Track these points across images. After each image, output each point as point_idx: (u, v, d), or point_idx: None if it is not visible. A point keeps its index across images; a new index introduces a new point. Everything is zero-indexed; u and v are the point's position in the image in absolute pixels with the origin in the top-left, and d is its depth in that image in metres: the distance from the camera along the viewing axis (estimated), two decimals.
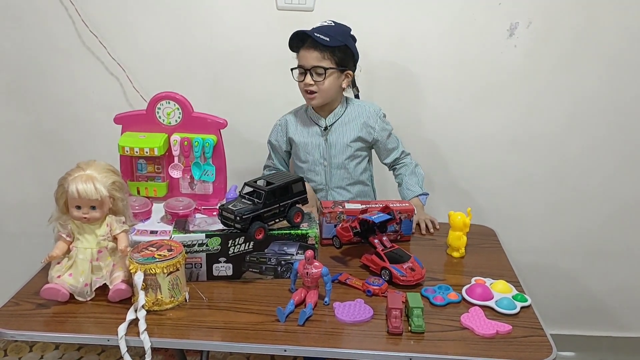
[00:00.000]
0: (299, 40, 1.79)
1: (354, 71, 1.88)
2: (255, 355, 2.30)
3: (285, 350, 1.24)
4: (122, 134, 1.75)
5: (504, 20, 2.05)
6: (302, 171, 1.95)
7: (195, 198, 1.73)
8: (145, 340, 1.23)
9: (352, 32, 1.84)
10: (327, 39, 1.75)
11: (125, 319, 1.27)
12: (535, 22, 2.04)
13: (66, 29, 2.09)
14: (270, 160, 2.04)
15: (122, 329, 1.24)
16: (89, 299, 1.37)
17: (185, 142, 1.72)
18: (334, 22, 1.82)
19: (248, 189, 1.48)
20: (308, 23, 2.01)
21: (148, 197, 1.74)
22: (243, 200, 1.46)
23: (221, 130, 1.75)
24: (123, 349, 1.23)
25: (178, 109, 1.73)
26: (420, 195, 1.92)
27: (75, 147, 2.24)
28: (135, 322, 1.27)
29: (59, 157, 2.21)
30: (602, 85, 2.11)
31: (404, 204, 1.75)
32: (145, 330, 1.24)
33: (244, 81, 2.16)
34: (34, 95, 2.20)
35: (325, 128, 1.89)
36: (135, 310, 1.29)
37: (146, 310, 1.29)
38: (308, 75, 1.79)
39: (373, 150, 2.01)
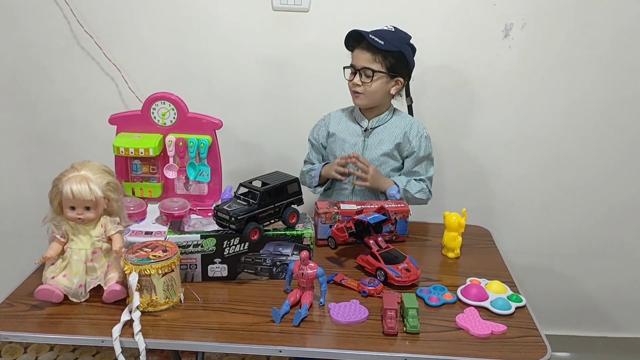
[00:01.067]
0: (355, 40, 1.79)
1: (407, 79, 1.86)
2: (251, 356, 2.30)
3: (280, 351, 1.24)
4: (117, 134, 1.75)
5: (499, 21, 2.05)
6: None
7: (190, 199, 1.73)
8: (140, 342, 1.23)
9: (411, 41, 1.82)
10: (382, 43, 1.74)
11: (119, 320, 1.27)
12: (529, 23, 2.05)
13: (61, 30, 2.09)
14: (308, 155, 2.01)
15: (116, 330, 1.24)
16: (83, 300, 1.36)
17: (180, 143, 1.72)
18: (394, 27, 1.81)
19: (243, 190, 1.48)
20: (304, 24, 2.02)
21: (143, 198, 1.73)
22: (238, 201, 1.46)
23: (216, 130, 1.74)
24: (118, 350, 1.23)
25: (173, 110, 1.72)
26: (395, 185, 1.83)
27: (70, 147, 2.24)
28: (129, 323, 1.27)
29: (54, 158, 2.21)
30: (596, 86, 2.12)
31: (399, 205, 1.75)
32: (139, 331, 1.24)
33: (240, 82, 2.16)
34: (29, 96, 2.19)
35: (366, 129, 1.89)
36: (130, 312, 1.28)
37: (141, 311, 1.29)
38: (357, 76, 1.79)
39: None
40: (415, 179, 1.89)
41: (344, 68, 1.84)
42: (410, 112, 1.97)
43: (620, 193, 2.27)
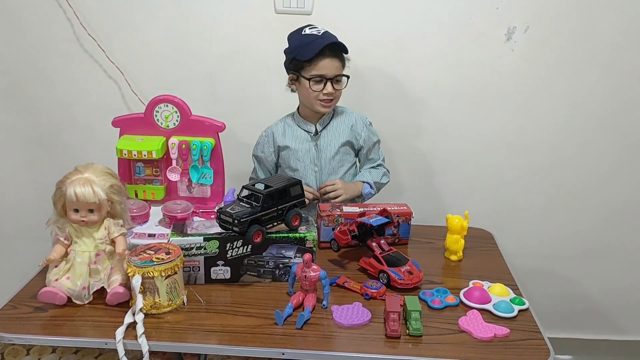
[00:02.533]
0: (322, 50, 1.74)
1: None
2: (253, 358, 2.29)
3: (283, 354, 1.24)
4: (120, 137, 1.75)
5: (502, 25, 2.05)
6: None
7: (193, 201, 1.73)
8: (143, 344, 1.23)
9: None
10: (346, 48, 1.78)
11: (123, 322, 1.27)
12: (532, 27, 2.05)
13: (65, 32, 2.09)
14: (255, 173, 2.00)
15: (119, 332, 1.24)
16: (86, 302, 1.37)
17: (184, 145, 1.72)
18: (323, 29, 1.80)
19: (246, 192, 1.49)
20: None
21: (146, 200, 1.73)
22: (241, 203, 1.46)
23: (219, 133, 1.75)
24: (121, 352, 1.23)
25: (176, 112, 1.73)
26: (366, 183, 1.91)
27: (74, 150, 2.24)
28: (133, 325, 1.27)
29: (57, 160, 2.21)
30: (598, 89, 2.12)
31: (402, 207, 1.75)
32: (142, 333, 1.24)
33: (242, 84, 2.16)
34: (33, 98, 2.20)
35: (316, 133, 1.89)
36: (133, 314, 1.29)
37: (144, 314, 1.29)
38: (329, 85, 1.78)
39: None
40: (373, 167, 1.96)
41: (309, 80, 1.77)
42: None
43: (622, 195, 2.26)
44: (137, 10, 2.07)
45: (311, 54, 1.74)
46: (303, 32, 1.78)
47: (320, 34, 1.77)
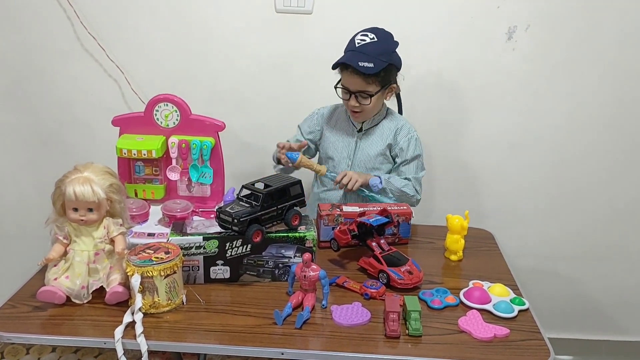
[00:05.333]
0: (343, 64, 1.73)
1: (396, 81, 1.84)
2: (253, 358, 2.28)
3: (282, 354, 1.24)
4: (120, 136, 1.75)
5: (503, 24, 2.05)
6: (327, 168, 1.89)
7: (192, 200, 1.73)
8: (142, 343, 1.23)
9: (394, 38, 1.78)
10: (372, 65, 1.68)
11: (122, 321, 1.27)
12: (533, 26, 2.04)
13: (65, 31, 2.09)
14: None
15: (118, 331, 1.24)
16: (85, 301, 1.37)
17: (183, 145, 1.72)
18: (375, 35, 1.73)
19: (246, 192, 1.48)
20: (306, 26, 2.02)
21: (145, 200, 1.73)
22: (241, 202, 1.46)
23: (219, 132, 1.75)
24: (120, 352, 1.23)
25: (176, 112, 1.72)
26: (376, 176, 1.82)
27: (73, 149, 2.24)
28: (132, 324, 1.27)
29: (57, 159, 2.21)
30: (600, 88, 2.12)
31: (402, 207, 1.74)
32: (142, 333, 1.24)
33: (242, 83, 2.16)
34: (32, 97, 2.20)
35: (360, 130, 1.88)
36: (132, 313, 1.29)
37: (143, 313, 1.29)
38: (353, 98, 1.76)
39: None
40: (400, 178, 1.87)
41: (335, 87, 1.79)
42: (399, 99, 1.97)
43: (624, 195, 2.26)
44: (137, 9, 2.07)
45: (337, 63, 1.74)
46: (354, 36, 1.75)
47: (357, 45, 1.72)
